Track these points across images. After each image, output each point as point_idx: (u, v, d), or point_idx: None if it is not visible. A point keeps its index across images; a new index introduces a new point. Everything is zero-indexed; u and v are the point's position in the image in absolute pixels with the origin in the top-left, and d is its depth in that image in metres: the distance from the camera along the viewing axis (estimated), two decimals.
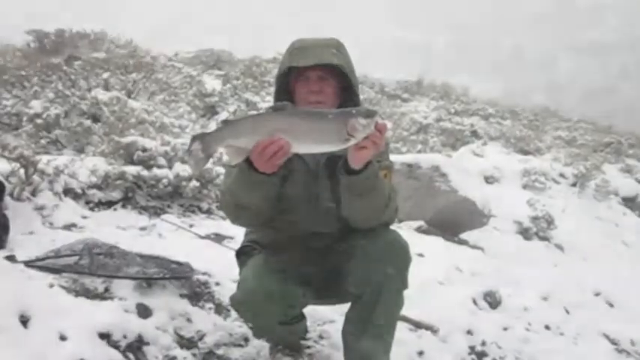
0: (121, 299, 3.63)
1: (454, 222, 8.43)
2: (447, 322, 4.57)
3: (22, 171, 5.42)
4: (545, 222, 9.58)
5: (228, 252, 3.97)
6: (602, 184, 12.95)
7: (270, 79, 17.76)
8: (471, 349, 4.51)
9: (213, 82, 17.29)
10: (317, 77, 3.06)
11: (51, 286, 3.58)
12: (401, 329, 3.70)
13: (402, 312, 3.27)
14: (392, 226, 3.19)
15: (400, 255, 3.05)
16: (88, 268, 3.81)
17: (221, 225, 6.04)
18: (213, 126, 11.96)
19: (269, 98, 15.29)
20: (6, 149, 5.52)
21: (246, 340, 3.76)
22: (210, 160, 4.35)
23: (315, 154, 2.97)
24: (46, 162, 5.86)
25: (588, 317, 5.80)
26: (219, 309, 4.03)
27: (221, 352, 3.64)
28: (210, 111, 14.53)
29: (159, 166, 6.70)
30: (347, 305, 3.24)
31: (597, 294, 6.67)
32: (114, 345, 3.26)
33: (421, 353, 4.15)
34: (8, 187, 5.08)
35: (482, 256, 7.41)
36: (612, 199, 12.89)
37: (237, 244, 3.51)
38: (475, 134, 16.50)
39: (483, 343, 4.60)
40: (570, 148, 17.72)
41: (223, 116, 13.17)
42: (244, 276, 3.13)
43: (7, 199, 4.91)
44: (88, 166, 6.44)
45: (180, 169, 6.72)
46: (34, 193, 5.41)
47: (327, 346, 3.91)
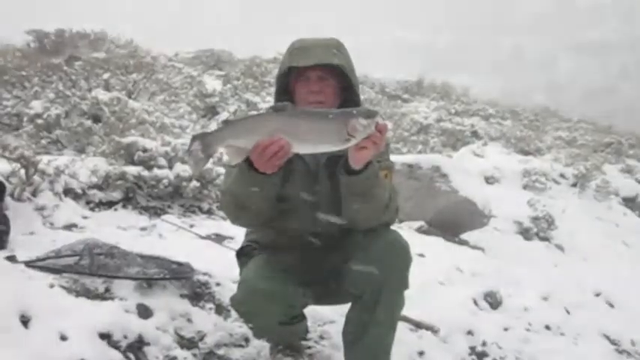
0: (121, 299, 3.63)
1: (455, 222, 8.43)
2: (448, 322, 4.57)
3: (22, 171, 5.42)
4: (545, 222, 9.58)
5: (229, 252, 3.97)
6: (603, 185, 12.95)
7: (271, 79, 17.77)
8: (472, 350, 4.51)
9: (213, 83, 17.30)
10: (317, 77, 3.06)
11: (51, 286, 3.58)
12: (401, 329, 3.70)
13: (403, 312, 3.27)
14: (392, 227, 3.19)
15: (401, 255, 3.05)
16: (89, 269, 3.81)
17: (221, 225, 6.04)
18: (213, 126, 11.96)
19: (269, 98, 15.29)
20: (6, 149, 5.52)
21: (247, 340, 3.76)
22: (211, 160, 4.35)
23: (315, 155, 2.97)
24: (47, 162, 5.86)
25: (589, 317, 5.80)
26: (220, 309, 4.03)
27: (221, 352, 3.64)
28: (211, 111, 14.53)
29: (159, 167, 6.70)
30: (347, 306, 3.24)
31: (598, 294, 6.66)
32: (114, 345, 3.26)
33: (422, 353, 4.15)
34: (9, 187, 5.08)
35: (482, 256, 7.41)
36: (613, 199, 12.90)
37: (237, 245, 3.51)
38: (475, 135, 16.51)
39: (484, 344, 4.61)
40: (571, 148, 17.73)
41: (224, 116, 13.17)
42: (245, 276, 3.13)
43: (7, 200, 4.91)
44: (88, 167, 6.44)
45: (180, 169, 6.72)
46: (34, 194, 5.42)
47: (328, 347, 3.91)
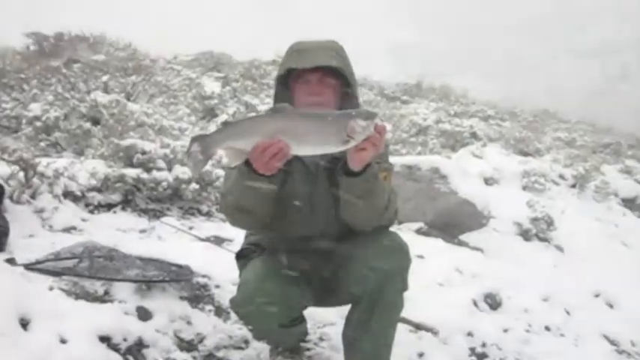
0: (120, 302, 3.63)
1: (454, 223, 8.42)
2: (448, 323, 4.57)
3: (21, 174, 5.42)
4: (544, 223, 9.56)
5: (228, 254, 3.97)
6: (602, 185, 12.93)
7: (270, 81, 17.76)
8: (472, 351, 4.51)
9: (212, 85, 17.27)
10: (316, 79, 3.06)
11: (51, 289, 3.58)
12: (401, 331, 3.70)
13: (403, 313, 3.28)
14: (392, 228, 3.20)
15: (400, 257, 3.06)
16: (88, 271, 3.81)
17: (221, 227, 6.04)
18: (212, 128, 11.95)
19: (268, 100, 15.28)
20: (5, 152, 5.52)
21: (246, 342, 3.77)
22: (210, 162, 4.35)
23: (314, 156, 2.97)
24: (46, 165, 5.85)
25: (588, 318, 5.80)
26: (219, 311, 4.04)
27: (221, 354, 3.64)
28: (210, 113, 14.50)
29: (158, 169, 6.69)
30: (347, 307, 3.24)
31: (597, 295, 6.66)
32: (114, 348, 3.27)
33: (421, 355, 4.16)
34: (8, 190, 5.08)
35: (482, 257, 7.40)
36: (612, 200, 12.87)
37: (237, 247, 3.51)
38: (474, 136, 16.47)
39: (484, 345, 4.61)
40: (570, 149, 17.71)
41: (223, 119, 13.17)
42: (244, 278, 3.13)
43: (6, 202, 4.91)
44: (87, 169, 6.43)
45: (179, 171, 6.71)
46: (33, 196, 5.41)
47: (328, 349, 3.91)
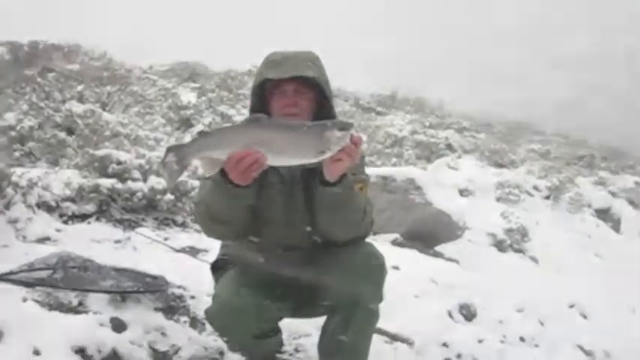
0: (95, 313, 3.60)
1: (429, 235, 8.46)
2: (423, 334, 4.58)
3: None
4: (519, 234, 9.63)
5: (204, 265, 3.96)
6: (576, 197, 13.03)
7: (246, 91, 17.73)
8: None
9: (188, 95, 17.24)
10: (292, 90, 3.06)
11: (24, 300, 3.55)
12: (377, 342, 3.70)
13: (378, 325, 3.27)
14: (367, 239, 3.20)
15: (376, 268, 3.06)
16: (62, 282, 3.78)
17: (196, 238, 6.02)
18: (188, 139, 11.92)
19: (244, 111, 15.27)
20: None
21: (222, 353, 3.75)
22: (185, 172, 4.33)
23: (290, 167, 2.97)
24: (20, 174, 5.82)
25: (563, 329, 5.83)
26: (194, 323, 4.02)
27: None
28: (186, 124, 14.48)
29: (133, 179, 6.67)
30: (323, 319, 3.24)
31: (571, 306, 6.69)
32: (88, 359, 3.24)
33: None
34: None
35: (457, 268, 7.43)
36: (585, 211, 12.97)
37: (212, 258, 3.50)
38: (450, 147, 16.54)
39: (459, 356, 4.61)
40: (544, 161, 17.82)
41: (198, 129, 13.14)
42: (219, 290, 3.12)
43: None
44: (62, 179, 6.40)
45: (154, 182, 6.69)
46: (7, 206, 5.37)
47: None
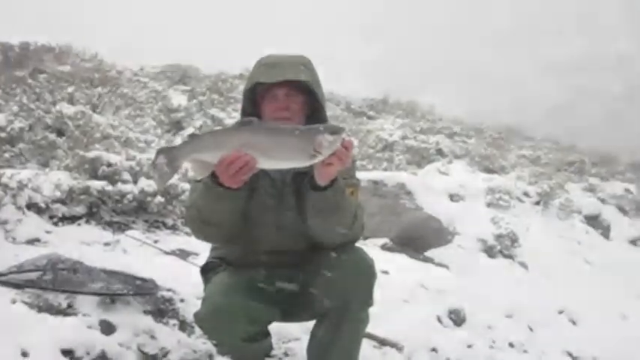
0: (84, 315, 3.59)
1: (419, 239, 8.46)
2: (412, 339, 4.58)
3: None
4: (509, 240, 9.63)
5: (193, 268, 3.96)
6: (566, 203, 13.05)
7: (237, 95, 17.71)
8: None
9: (179, 98, 17.19)
10: (284, 94, 3.06)
11: (13, 301, 3.54)
12: (366, 347, 3.71)
13: (368, 329, 3.28)
14: (357, 244, 3.20)
15: (366, 272, 3.06)
16: (52, 284, 3.77)
17: (186, 241, 6.01)
18: (178, 141, 11.90)
19: (235, 114, 15.25)
20: None
21: (211, 357, 3.74)
22: (176, 175, 4.32)
23: (281, 170, 2.98)
24: (10, 176, 5.79)
25: (552, 335, 5.85)
26: (184, 326, 4.01)
27: None
28: (176, 126, 14.45)
29: (124, 181, 6.65)
30: (312, 323, 3.24)
31: (561, 312, 6.72)
32: None
33: None
34: None
35: (447, 273, 7.43)
36: (575, 217, 12.99)
37: (202, 261, 3.50)
38: (440, 152, 16.54)
39: None
40: (534, 166, 17.84)
41: (189, 132, 13.11)
42: (209, 293, 3.11)
43: None
44: (52, 181, 6.37)
45: (145, 184, 6.67)
46: None
47: None
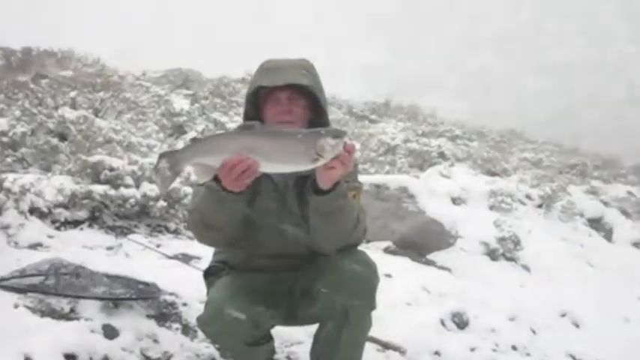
0: (87, 320, 3.59)
1: (422, 243, 8.45)
2: (415, 342, 4.58)
3: None
4: (511, 243, 9.62)
5: (196, 272, 3.96)
6: (568, 206, 13.04)
7: (239, 99, 17.73)
8: None
9: (181, 102, 17.20)
10: (286, 97, 3.07)
11: (16, 306, 3.54)
12: (369, 350, 3.70)
13: (370, 333, 3.27)
14: (360, 247, 3.20)
15: (368, 276, 3.06)
16: (54, 288, 3.78)
17: (189, 245, 6.01)
18: (181, 145, 11.90)
19: (237, 118, 15.26)
20: None
21: None
22: (178, 179, 4.33)
23: (283, 174, 2.98)
24: (12, 180, 5.81)
25: (555, 338, 5.84)
26: (187, 330, 4.01)
27: None
28: (179, 130, 14.45)
29: (126, 186, 6.65)
30: (315, 326, 3.24)
31: (563, 315, 6.71)
32: None
33: None
34: None
35: (449, 276, 7.43)
36: (578, 220, 12.98)
37: (205, 265, 3.50)
38: (442, 155, 16.52)
39: None
40: (536, 169, 17.83)
41: (191, 136, 13.13)
42: (211, 297, 3.11)
43: None
44: (54, 185, 6.38)
45: (147, 188, 6.68)
46: None
47: None
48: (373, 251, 7.17)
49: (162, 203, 6.71)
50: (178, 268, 5.05)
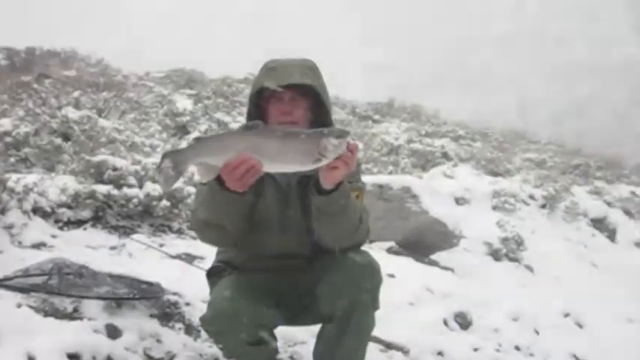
0: (90, 319, 3.59)
1: (425, 243, 8.45)
2: (418, 342, 4.57)
3: None
4: (515, 243, 9.62)
5: (199, 272, 3.96)
6: (571, 206, 13.03)
7: (242, 99, 17.75)
8: None
9: (184, 102, 17.22)
10: (290, 97, 3.06)
11: (19, 306, 3.54)
12: (372, 350, 3.70)
13: (373, 333, 3.27)
14: (363, 247, 3.20)
15: (371, 276, 3.05)
16: (57, 288, 3.77)
17: (192, 245, 6.01)
18: (184, 145, 11.90)
19: (240, 118, 15.27)
20: None
21: None
22: (181, 178, 4.32)
23: (287, 174, 2.98)
24: (16, 180, 5.81)
25: (558, 338, 5.83)
26: (190, 329, 4.01)
27: None
28: (182, 130, 14.47)
29: (129, 186, 6.66)
30: (318, 326, 3.23)
31: (567, 315, 6.70)
32: None
33: None
34: None
35: (452, 277, 7.42)
36: (581, 220, 12.97)
37: (208, 264, 3.50)
38: (445, 156, 16.52)
39: None
40: (540, 169, 17.81)
41: (194, 136, 13.12)
42: (214, 296, 3.11)
43: None
44: (57, 185, 6.38)
45: (150, 188, 6.68)
46: (2, 212, 5.35)
47: None
48: (376, 251, 7.16)
49: (165, 203, 6.71)
50: (181, 267, 5.05)
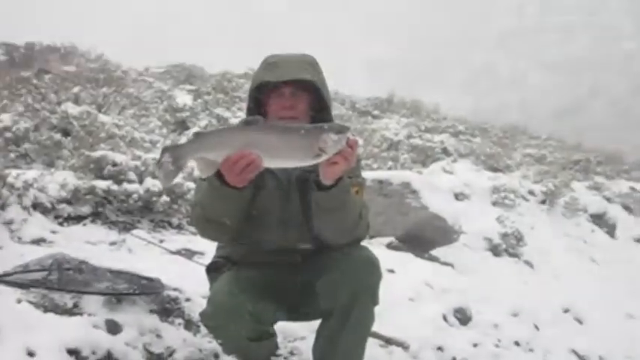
0: (90, 315, 3.59)
1: (425, 238, 8.45)
2: (418, 338, 4.57)
3: None
4: (514, 239, 9.63)
5: (199, 267, 3.95)
6: (571, 202, 13.03)
7: (242, 94, 17.74)
8: None
9: (184, 97, 17.21)
10: (290, 93, 3.06)
11: (19, 301, 3.54)
12: (372, 345, 3.70)
13: (373, 328, 3.27)
14: (362, 243, 3.20)
15: (371, 271, 3.05)
16: (57, 284, 3.77)
17: (192, 240, 6.02)
18: (184, 141, 11.86)
19: (240, 114, 15.26)
20: None
21: (216, 356, 3.74)
22: (181, 173, 4.32)
23: (286, 169, 2.98)
24: (15, 176, 5.80)
25: (557, 334, 5.84)
26: (189, 325, 4.00)
27: None
28: (181, 126, 14.46)
29: (129, 181, 6.65)
30: (318, 322, 3.23)
31: (566, 310, 6.71)
32: None
33: None
34: None
35: (452, 272, 7.43)
36: (581, 216, 12.97)
37: (207, 260, 3.49)
38: (445, 151, 16.51)
39: (454, 359, 4.62)
40: (539, 165, 17.82)
41: (194, 131, 13.13)
42: (214, 292, 3.11)
43: None
44: (57, 181, 6.38)
45: (150, 183, 6.68)
46: (2, 207, 5.36)
47: None
48: (376, 247, 7.15)
49: (165, 198, 6.71)
50: (181, 263, 5.05)
